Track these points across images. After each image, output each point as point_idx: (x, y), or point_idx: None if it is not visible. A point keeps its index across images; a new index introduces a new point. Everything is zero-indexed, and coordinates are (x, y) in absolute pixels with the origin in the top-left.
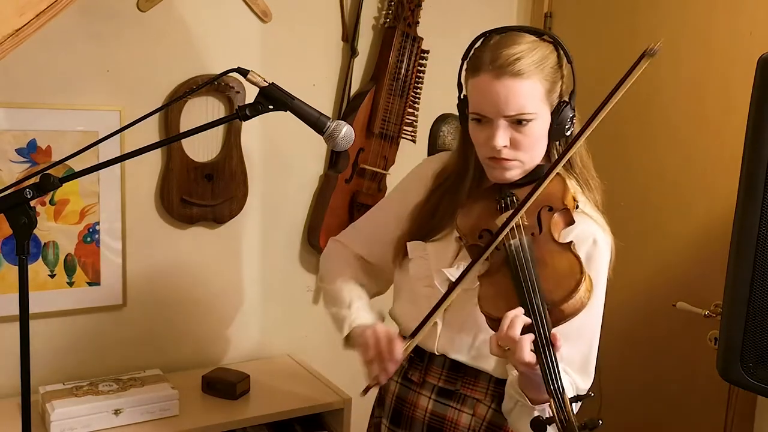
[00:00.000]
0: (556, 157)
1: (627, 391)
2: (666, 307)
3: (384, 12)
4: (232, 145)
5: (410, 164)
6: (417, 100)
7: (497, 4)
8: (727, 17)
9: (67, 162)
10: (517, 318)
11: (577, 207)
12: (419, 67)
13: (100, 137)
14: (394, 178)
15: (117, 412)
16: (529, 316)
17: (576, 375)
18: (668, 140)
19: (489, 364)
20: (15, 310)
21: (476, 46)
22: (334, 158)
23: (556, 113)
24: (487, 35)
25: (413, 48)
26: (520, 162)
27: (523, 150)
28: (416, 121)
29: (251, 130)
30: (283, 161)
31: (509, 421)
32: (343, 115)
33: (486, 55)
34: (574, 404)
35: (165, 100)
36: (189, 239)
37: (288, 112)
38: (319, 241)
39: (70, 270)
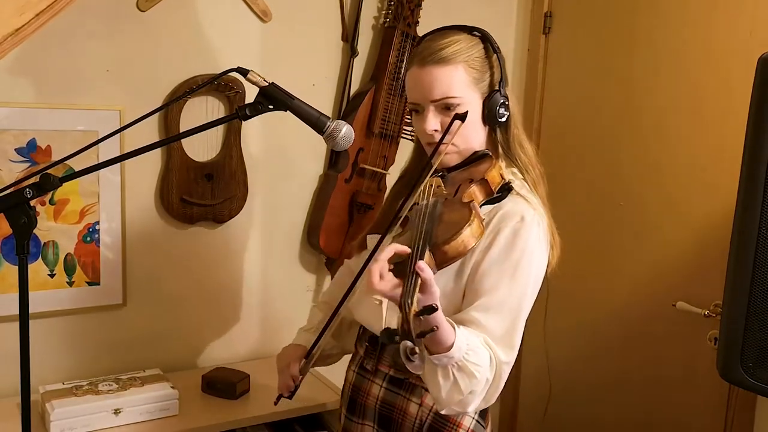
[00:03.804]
0: (500, 142)
1: (627, 391)
2: (666, 307)
3: (384, 12)
4: (232, 145)
5: None
6: None
7: (497, 4)
8: (727, 17)
9: (67, 162)
10: (384, 251)
11: (511, 188)
12: None
13: (100, 137)
14: (393, 177)
15: (117, 411)
16: (412, 254)
17: (496, 346)
18: (668, 140)
19: None
20: (15, 310)
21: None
22: (334, 158)
23: (487, 100)
24: (424, 37)
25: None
26: (454, 146)
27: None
28: None
29: (251, 130)
30: (283, 161)
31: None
32: (343, 114)
33: (416, 51)
34: (423, 317)
35: (165, 100)
36: (189, 239)
37: (288, 111)
38: (319, 241)
39: (69, 270)
